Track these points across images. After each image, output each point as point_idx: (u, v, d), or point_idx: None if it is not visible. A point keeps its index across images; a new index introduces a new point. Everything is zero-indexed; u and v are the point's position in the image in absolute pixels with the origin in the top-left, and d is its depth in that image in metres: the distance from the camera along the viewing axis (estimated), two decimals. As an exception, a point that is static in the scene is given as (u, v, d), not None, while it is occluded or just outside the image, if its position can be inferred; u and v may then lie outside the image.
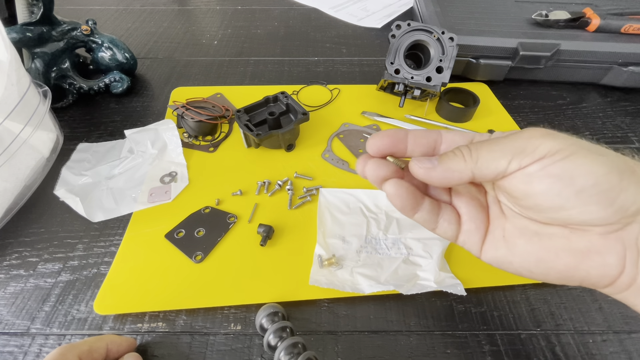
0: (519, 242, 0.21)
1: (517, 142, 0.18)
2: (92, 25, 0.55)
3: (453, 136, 0.22)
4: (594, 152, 0.17)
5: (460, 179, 0.20)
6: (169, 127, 0.47)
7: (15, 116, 0.39)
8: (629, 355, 0.31)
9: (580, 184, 0.17)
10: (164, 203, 0.41)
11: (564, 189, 0.17)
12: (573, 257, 0.19)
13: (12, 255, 0.37)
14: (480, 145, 0.19)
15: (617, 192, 0.17)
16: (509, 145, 0.18)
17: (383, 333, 0.32)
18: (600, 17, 0.56)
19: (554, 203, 0.18)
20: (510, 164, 0.18)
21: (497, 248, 0.22)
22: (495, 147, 0.19)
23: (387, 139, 0.22)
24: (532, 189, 0.18)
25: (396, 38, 0.50)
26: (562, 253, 0.20)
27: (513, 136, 0.19)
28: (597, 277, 0.19)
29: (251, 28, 0.75)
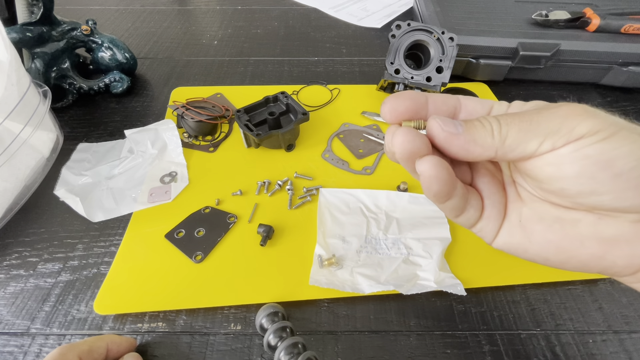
0: (537, 228, 0.19)
1: (552, 121, 0.16)
2: (92, 25, 0.55)
3: (473, 104, 0.20)
4: (636, 132, 0.16)
5: (480, 154, 0.17)
6: (169, 127, 0.47)
7: (15, 116, 0.39)
8: (629, 355, 0.31)
9: (620, 167, 0.15)
10: (164, 203, 0.41)
11: (599, 172, 0.16)
12: (600, 246, 0.18)
13: (12, 255, 0.37)
14: (511, 121, 0.17)
15: None
16: (543, 125, 0.16)
17: (383, 333, 0.32)
18: (600, 17, 0.56)
19: (585, 187, 0.16)
20: (541, 145, 0.16)
21: (512, 235, 0.20)
22: (527, 126, 0.17)
23: (409, 101, 0.19)
24: (562, 171, 0.16)
25: (396, 38, 0.50)
26: (589, 241, 0.18)
27: (547, 112, 0.17)
28: (622, 266, 0.18)
29: (251, 28, 0.75)
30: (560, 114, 0.16)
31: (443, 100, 0.19)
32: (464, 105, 0.20)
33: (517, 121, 0.17)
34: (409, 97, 0.19)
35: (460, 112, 0.20)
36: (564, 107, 0.17)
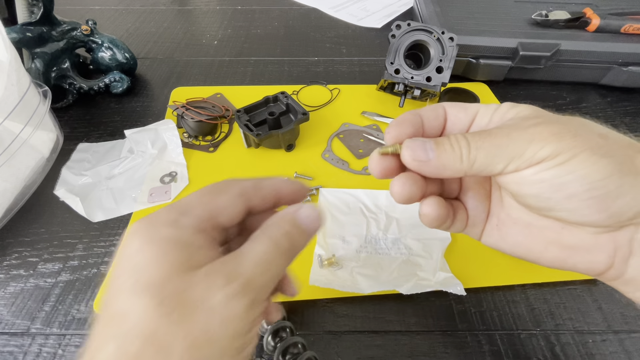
0: (510, 232, 0.22)
1: (518, 144, 0.17)
2: (92, 25, 0.55)
3: (457, 112, 0.21)
4: (599, 153, 0.16)
5: (451, 175, 0.19)
6: (169, 127, 0.47)
7: (15, 116, 0.39)
8: (629, 355, 0.31)
9: (572, 190, 0.17)
10: (164, 203, 0.41)
11: (553, 193, 0.17)
12: (561, 252, 0.20)
13: (12, 255, 0.37)
14: (481, 144, 0.18)
15: (614, 198, 0.16)
16: (510, 149, 0.17)
17: (383, 333, 0.32)
18: (600, 17, 0.56)
19: (543, 204, 0.18)
20: (506, 167, 0.18)
21: (490, 235, 0.23)
22: (494, 151, 0.18)
23: (411, 128, 0.20)
24: (524, 190, 0.18)
25: (396, 38, 0.50)
26: (551, 247, 0.20)
27: (516, 134, 0.18)
28: (583, 270, 0.20)
29: (251, 28, 0.75)
30: (527, 137, 0.17)
31: (434, 116, 0.21)
32: (449, 114, 0.21)
33: (486, 144, 0.18)
34: (409, 123, 0.20)
35: (447, 121, 0.21)
36: (534, 130, 0.17)
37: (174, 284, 0.15)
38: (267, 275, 0.17)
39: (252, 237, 0.18)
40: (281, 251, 0.18)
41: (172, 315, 0.14)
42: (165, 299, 0.14)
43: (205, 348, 0.14)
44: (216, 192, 0.19)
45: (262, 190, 0.20)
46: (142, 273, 0.15)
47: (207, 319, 0.14)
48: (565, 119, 0.18)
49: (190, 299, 0.15)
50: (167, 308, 0.14)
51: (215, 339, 0.15)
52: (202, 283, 0.15)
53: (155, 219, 0.17)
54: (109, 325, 0.14)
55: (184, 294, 0.15)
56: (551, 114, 0.19)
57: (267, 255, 0.17)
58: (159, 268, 0.15)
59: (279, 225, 0.18)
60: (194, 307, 0.15)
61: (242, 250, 0.17)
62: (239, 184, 0.19)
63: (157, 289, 0.14)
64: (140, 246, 0.16)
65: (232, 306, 0.15)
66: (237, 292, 0.15)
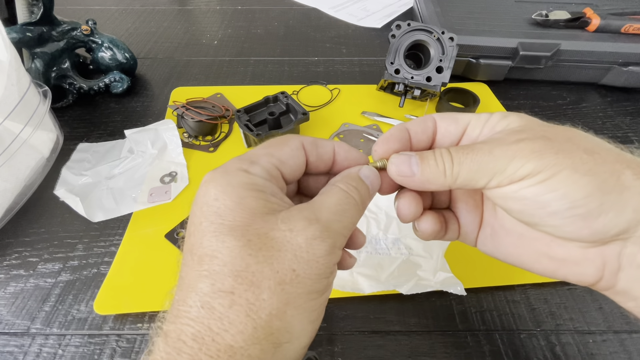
0: (503, 241, 0.22)
1: (501, 161, 0.17)
2: (92, 25, 0.55)
3: (447, 125, 0.21)
4: (581, 171, 0.16)
5: (437, 189, 0.20)
6: (169, 127, 0.47)
7: (15, 116, 0.39)
8: (629, 355, 0.31)
9: (554, 208, 0.17)
10: (164, 203, 0.41)
11: (536, 210, 0.17)
12: (551, 263, 0.20)
13: (12, 255, 0.37)
14: (464, 160, 0.18)
15: (595, 216, 0.16)
16: (492, 165, 0.18)
17: (383, 333, 0.32)
18: (600, 17, 0.56)
19: (528, 220, 0.18)
20: (489, 182, 0.18)
21: (484, 244, 0.23)
22: (476, 167, 0.18)
23: (398, 144, 0.21)
24: (508, 205, 0.19)
25: (396, 38, 0.50)
26: (542, 258, 0.20)
27: (499, 151, 0.18)
28: (574, 281, 0.20)
29: (251, 28, 0.75)
30: (509, 154, 0.17)
31: (422, 129, 0.21)
32: (439, 126, 0.21)
33: (469, 160, 0.18)
34: (396, 139, 0.21)
35: (437, 133, 0.21)
36: (517, 146, 0.17)
37: (257, 226, 0.15)
38: (343, 223, 0.17)
39: (322, 191, 0.19)
40: (353, 203, 0.18)
41: (259, 254, 0.15)
42: (251, 240, 0.15)
43: (292, 285, 0.15)
44: (279, 144, 0.19)
45: (320, 148, 0.21)
46: (224, 217, 0.16)
47: (293, 258, 0.15)
48: (553, 132, 0.18)
49: (275, 239, 0.15)
50: (254, 247, 0.15)
51: (301, 277, 0.15)
52: (283, 225, 0.16)
53: (227, 168, 0.17)
54: (198, 265, 0.15)
55: (268, 235, 0.15)
56: (542, 125, 0.19)
57: (340, 205, 0.18)
58: (240, 212, 0.16)
59: (347, 181, 0.19)
60: (279, 246, 0.15)
61: (315, 200, 0.18)
62: (299, 138, 0.20)
63: (241, 231, 0.15)
64: (218, 193, 0.16)
65: (314, 248, 0.16)
66: (318, 235, 0.16)
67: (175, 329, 0.14)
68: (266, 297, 0.15)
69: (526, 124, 0.19)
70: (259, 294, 0.14)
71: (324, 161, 0.21)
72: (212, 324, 0.14)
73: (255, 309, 0.14)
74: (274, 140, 0.20)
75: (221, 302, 0.14)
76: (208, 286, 0.14)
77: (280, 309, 0.15)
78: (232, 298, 0.14)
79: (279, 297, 0.15)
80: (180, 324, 0.14)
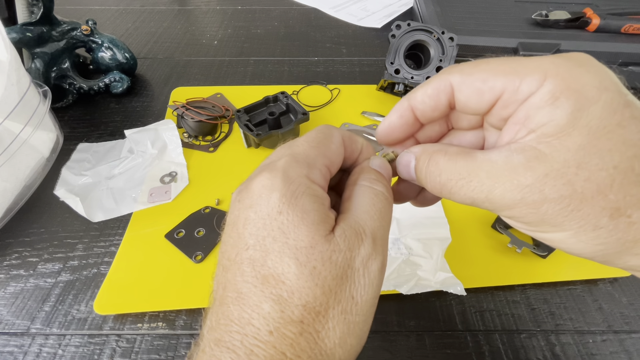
0: None
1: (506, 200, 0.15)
2: (92, 25, 0.55)
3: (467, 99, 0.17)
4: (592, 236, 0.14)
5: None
6: (169, 127, 0.47)
7: (15, 116, 0.39)
8: (629, 355, 0.31)
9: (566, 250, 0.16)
10: (164, 203, 0.41)
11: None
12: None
13: (12, 255, 0.37)
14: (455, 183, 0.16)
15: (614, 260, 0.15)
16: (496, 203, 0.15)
17: (383, 333, 0.32)
18: (600, 17, 0.56)
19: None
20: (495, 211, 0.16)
21: None
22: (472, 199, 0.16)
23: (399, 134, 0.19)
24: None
25: (396, 38, 0.50)
26: None
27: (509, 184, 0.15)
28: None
29: (251, 28, 0.75)
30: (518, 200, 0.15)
31: (432, 107, 0.18)
32: (457, 99, 0.17)
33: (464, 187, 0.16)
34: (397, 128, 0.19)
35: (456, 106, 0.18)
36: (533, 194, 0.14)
37: (321, 248, 0.15)
38: (385, 228, 0.17)
39: (354, 192, 0.18)
40: (388, 200, 0.18)
41: (325, 284, 0.15)
42: (315, 267, 0.15)
43: (352, 314, 0.15)
44: (326, 141, 0.18)
45: (354, 144, 0.20)
46: (288, 235, 0.15)
47: (352, 285, 0.15)
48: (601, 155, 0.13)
49: (337, 264, 0.15)
50: (320, 276, 0.15)
51: (361, 303, 0.16)
52: (342, 245, 0.16)
53: (288, 174, 0.16)
54: (262, 285, 0.15)
55: (330, 260, 0.15)
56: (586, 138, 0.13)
57: (377, 206, 0.17)
58: (304, 230, 0.15)
59: (372, 178, 0.18)
60: (341, 274, 0.15)
61: (349, 208, 0.17)
62: (340, 133, 0.19)
63: (307, 255, 0.15)
64: (283, 207, 0.15)
65: (369, 269, 0.16)
66: (371, 251, 0.16)
67: (242, 347, 0.14)
68: (331, 327, 0.15)
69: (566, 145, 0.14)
70: (325, 323, 0.15)
71: (352, 158, 0.20)
72: (285, 350, 0.14)
73: (322, 337, 0.15)
74: (319, 136, 0.18)
75: (292, 330, 0.14)
76: (277, 312, 0.14)
77: (342, 338, 0.15)
78: (301, 327, 0.14)
79: (342, 326, 0.15)
80: (249, 343, 0.14)
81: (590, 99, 0.14)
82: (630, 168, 0.13)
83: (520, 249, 0.35)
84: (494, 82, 0.15)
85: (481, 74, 0.16)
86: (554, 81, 0.14)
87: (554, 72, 0.14)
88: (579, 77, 0.14)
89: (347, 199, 0.18)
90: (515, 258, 0.37)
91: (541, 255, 0.36)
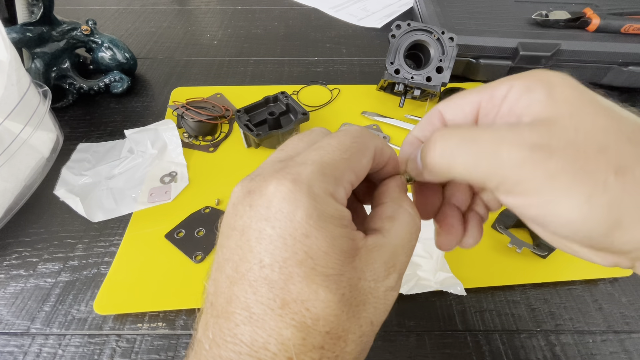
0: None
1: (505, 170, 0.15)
2: (92, 25, 0.55)
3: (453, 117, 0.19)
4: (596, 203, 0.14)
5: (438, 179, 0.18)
6: (169, 127, 0.47)
7: (15, 116, 0.39)
8: (629, 355, 0.31)
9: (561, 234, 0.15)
10: (164, 203, 0.41)
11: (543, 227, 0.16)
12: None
13: (12, 255, 0.37)
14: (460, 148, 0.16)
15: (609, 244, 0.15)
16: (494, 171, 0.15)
17: (383, 333, 0.32)
18: (600, 17, 0.56)
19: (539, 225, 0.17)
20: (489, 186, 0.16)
21: None
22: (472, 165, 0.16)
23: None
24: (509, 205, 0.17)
25: (396, 38, 0.50)
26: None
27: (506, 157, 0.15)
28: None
29: (251, 28, 0.75)
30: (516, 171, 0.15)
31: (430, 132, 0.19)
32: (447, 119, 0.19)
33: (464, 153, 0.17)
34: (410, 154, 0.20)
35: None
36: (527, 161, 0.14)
37: (348, 275, 0.15)
38: (409, 262, 0.18)
39: (392, 215, 0.18)
40: (419, 232, 0.18)
41: (350, 310, 0.15)
42: (344, 295, 0.15)
43: (369, 336, 0.16)
44: (359, 154, 0.17)
45: (383, 156, 0.19)
46: (317, 262, 0.14)
47: (373, 311, 0.16)
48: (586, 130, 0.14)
49: (362, 291, 0.15)
50: (347, 303, 0.15)
51: (376, 326, 0.16)
52: (369, 274, 0.16)
53: (313, 189, 0.15)
54: (280, 309, 0.14)
55: (357, 287, 0.15)
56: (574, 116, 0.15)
57: (412, 243, 0.18)
58: (334, 258, 0.15)
59: (408, 204, 0.18)
60: (365, 300, 0.15)
61: (390, 233, 0.17)
62: (374, 143, 0.18)
63: (335, 282, 0.15)
64: (311, 229, 0.14)
65: (389, 298, 0.16)
66: (394, 284, 0.16)
67: None
68: (349, 350, 0.15)
69: (554, 113, 0.15)
70: (345, 347, 0.15)
71: (377, 168, 0.19)
72: None
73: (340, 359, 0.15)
74: (354, 146, 0.17)
75: (312, 356, 0.14)
76: (299, 339, 0.14)
77: (356, 357, 0.16)
78: (322, 352, 0.14)
79: (359, 348, 0.16)
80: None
81: (557, 83, 0.16)
82: (618, 129, 0.15)
83: (520, 249, 0.35)
84: (471, 97, 0.18)
85: (459, 95, 0.19)
86: (520, 81, 0.16)
87: (518, 77, 0.16)
88: (541, 74, 0.16)
89: (389, 218, 0.17)
90: (515, 258, 0.37)
91: (541, 255, 0.36)
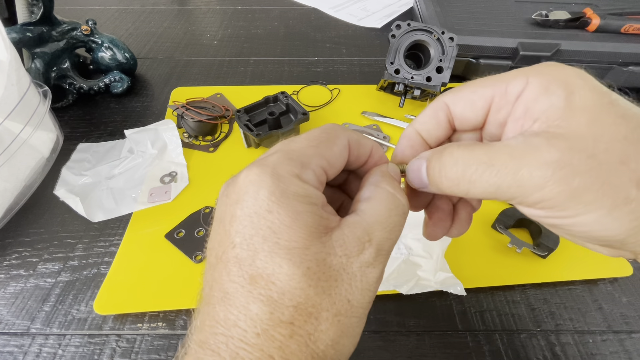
0: None
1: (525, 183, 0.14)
2: (92, 25, 0.55)
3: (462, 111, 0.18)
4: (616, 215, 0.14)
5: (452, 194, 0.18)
6: (169, 127, 0.47)
7: (15, 116, 0.39)
8: (629, 355, 0.31)
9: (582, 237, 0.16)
10: (164, 203, 0.41)
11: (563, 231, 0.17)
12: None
13: (12, 255, 0.37)
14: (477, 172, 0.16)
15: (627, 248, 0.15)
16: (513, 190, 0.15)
17: (383, 333, 0.32)
18: (600, 17, 0.56)
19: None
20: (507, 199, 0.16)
21: None
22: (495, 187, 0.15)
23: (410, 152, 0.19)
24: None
25: (396, 38, 0.50)
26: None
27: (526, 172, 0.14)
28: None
29: (251, 28, 0.75)
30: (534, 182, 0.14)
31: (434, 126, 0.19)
32: (454, 113, 0.18)
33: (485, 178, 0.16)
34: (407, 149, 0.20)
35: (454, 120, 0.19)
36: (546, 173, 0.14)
37: (314, 249, 0.15)
38: (392, 240, 0.17)
39: (367, 195, 0.17)
40: (402, 209, 0.17)
41: (318, 284, 0.14)
42: (310, 268, 0.14)
43: (347, 316, 0.15)
44: (328, 142, 0.17)
45: (361, 147, 0.19)
46: (280, 236, 0.14)
47: (348, 288, 0.15)
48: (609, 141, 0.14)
49: (332, 267, 0.15)
50: (313, 277, 0.14)
51: (355, 307, 0.15)
52: (339, 249, 0.15)
53: (278, 171, 0.15)
54: (250, 285, 0.14)
55: (325, 262, 0.15)
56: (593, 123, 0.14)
57: (393, 219, 0.17)
58: (297, 231, 0.15)
59: (396, 185, 0.18)
60: (336, 276, 0.15)
61: (364, 210, 0.16)
62: (346, 135, 0.18)
63: (299, 255, 0.14)
64: (272, 205, 0.15)
65: (368, 275, 0.16)
66: (371, 261, 0.16)
67: (226, 349, 0.14)
68: (324, 329, 0.14)
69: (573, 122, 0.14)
70: (318, 325, 0.14)
71: (360, 160, 0.19)
72: (273, 353, 0.14)
73: (314, 340, 0.14)
74: (322, 136, 0.17)
75: (281, 332, 0.14)
76: (266, 314, 0.14)
77: (335, 339, 0.15)
78: (292, 329, 0.14)
79: (335, 328, 0.15)
80: (234, 346, 0.14)
81: (577, 85, 0.15)
82: (638, 138, 0.14)
83: (520, 249, 0.35)
84: (483, 90, 0.17)
85: (470, 87, 0.17)
86: (537, 78, 0.15)
87: (534, 72, 0.16)
88: (559, 72, 0.15)
89: (366, 199, 0.17)
90: (515, 258, 0.37)
91: (541, 255, 0.36)
